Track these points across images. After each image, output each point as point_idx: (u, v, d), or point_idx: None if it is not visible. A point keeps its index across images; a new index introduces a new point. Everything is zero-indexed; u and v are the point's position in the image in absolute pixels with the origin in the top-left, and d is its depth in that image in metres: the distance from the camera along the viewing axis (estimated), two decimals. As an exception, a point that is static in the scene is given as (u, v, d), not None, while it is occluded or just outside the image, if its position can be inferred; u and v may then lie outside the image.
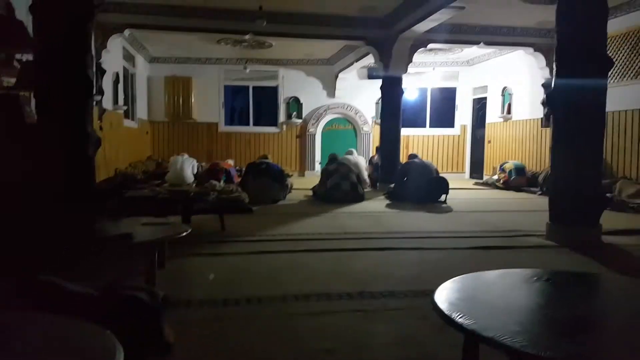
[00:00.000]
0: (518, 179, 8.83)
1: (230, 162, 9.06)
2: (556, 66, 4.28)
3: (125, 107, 9.15)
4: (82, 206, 4.00)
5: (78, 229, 3.17)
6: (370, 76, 11.75)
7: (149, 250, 2.85)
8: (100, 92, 7.53)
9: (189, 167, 8.11)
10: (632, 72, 6.99)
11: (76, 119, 4.11)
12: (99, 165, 7.45)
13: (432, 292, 1.75)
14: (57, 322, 1.41)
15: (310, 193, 7.66)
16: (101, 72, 7.58)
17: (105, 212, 4.08)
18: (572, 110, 4.11)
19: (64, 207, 3.88)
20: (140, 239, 2.81)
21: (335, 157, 7.94)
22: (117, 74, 8.69)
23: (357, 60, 10.24)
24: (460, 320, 1.51)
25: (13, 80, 4.18)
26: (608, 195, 6.25)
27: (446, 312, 1.58)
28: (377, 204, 6.88)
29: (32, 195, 3.95)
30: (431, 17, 6.73)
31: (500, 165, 9.43)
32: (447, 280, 1.89)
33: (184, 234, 3.05)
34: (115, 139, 8.58)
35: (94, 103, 7.10)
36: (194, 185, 7.48)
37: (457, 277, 1.97)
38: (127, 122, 9.60)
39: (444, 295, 1.76)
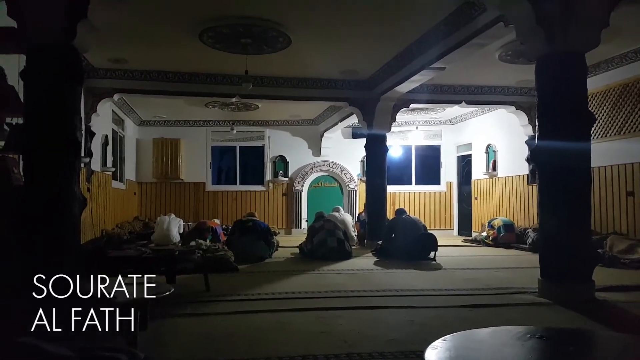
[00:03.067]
0: (507, 236, 8.79)
1: (217, 221, 9.00)
2: (538, 124, 4.36)
3: (113, 169, 9.18)
4: (65, 266, 3.90)
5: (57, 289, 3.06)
6: (355, 135, 12.03)
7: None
8: (89, 154, 7.58)
9: (175, 227, 8.04)
10: (614, 128, 7.22)
11: (63, 179, 4.11)
12: (86, 226, 7.35)
13: (423, 352, 1.69)
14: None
15: (297, 250, 7.57)
16: (90, 134, 7.66)
17: (88, 272, 3.97)
18: (557, 167, 4.13)
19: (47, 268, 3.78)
20: (121, 299, 2.71)
21: (322, 215, 7.93)
22: (106, 137, 8.78)
23: (341, 120, 10.52)
24: (451, 380, 1.45)
25: (1, 143, 4.20)
26: (599, 251, 6.27)
27: (437, 372, 1.52)
28: (365, 261, 6.78)
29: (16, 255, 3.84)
30: (412, 79, 7.00)
31: (489, 222, 9.42)
32: (438, 339, 1.83)
33: (167, 293, 2.95)
34: (102, 200, 8.52)
35: (82, 165, 7.13)
36: (179, 244, 7.37)
37: (447, 336, 1.91)
38: (115, 184, 9.58)
39: (434, 355, 1.70)
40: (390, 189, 9.73)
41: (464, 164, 11.98)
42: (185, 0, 5.12)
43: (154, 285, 3.33)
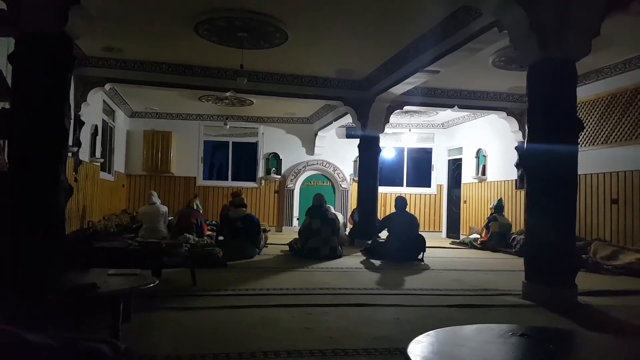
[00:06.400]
0: (496, 243, 8.71)
1: (197, 201, 8.80)
2: (528, 128, 4.43)
3: (102, 160, 9.08)
4: (49, 256, 3.86)
5: (43, 279, 3.04)
6: (349, 135, 12.05)
7: (113, 302, 2.72)
8: (78, 143, 7.48)
9: (162, 220, 7.80)
10: (602, 137, 7.32)
11: (49, 167, 4.06)
12: (72, 217, 7.27)
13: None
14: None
15: (287, 248, 7.54)
16: (79, 124, 7.57)
17: (73, 262, 3.93)
18: (544, 172, 4.19)
19: (28, 256, 3.74)
20: (105, 290, 2.69)
21: (320, 204, 7.31)
22: (96, 127, 8.69)
23: (335, 120, 10.53)
24: (433, 374, 1.45)
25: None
26: (583, 256, 6.35)
27: (419, 366, 1.53)
28: (354, 260, 6.80)
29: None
30: (407, 81, 7.03)
31: (487, 223, 9.16)
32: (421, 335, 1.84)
33: (151, 285, 2.93)
34: (89, 191, 8.43)
35: (70, 154, 7.04)
36: (168, 238, 7.29)
37: (431, 332, 1.93)
38: (104, 175, 9.49)
39: (418, 349, 1.71)
40: (381, 189, 9.77)
41: (455, 167, 12.06)
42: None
43: (138, 276, 3.31)
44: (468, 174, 11.26)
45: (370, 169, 8.85)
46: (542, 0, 4.11)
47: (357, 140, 9.17)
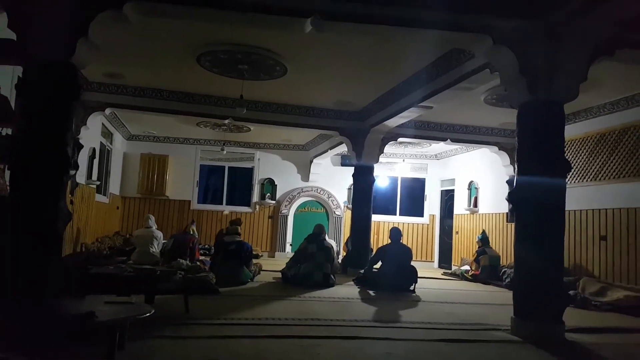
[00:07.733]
0: (487, 276, 8.72)
1: (193, 227, 8.82)
2: (517, 166, 4.56)
3: (98, 182, 9.13)
4: (46, 282, 3.88)
5: (39, 306, 3.07)
6: (344, 163, 12.22)
7: (110, 331, 2.77)
8: (75, 166, 7.52)
9: (155, 244, 7.82)
10: (591, 174, 7.50)
11: (49, 194, 4.11)
12: (66, 240, 7.26)
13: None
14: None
15: (279, 275, 7.56)
16: (78, 147, 7.62)
17: (69, 289, 3.96)
18: (532, 209, 4.30)
19: (26, 283, 3.76)
20: (102, 319, 2.74)
21: (320, 233, 7.55)
22: (94, 150, 8.77)
23: (331, 148, 10.69)
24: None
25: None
26: (571, 292, 6.42)
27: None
28: (346, 290, 6.82)
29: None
30: (401, 115, 7.22)
31: (476, 257, 9.18)
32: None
33: (147, 315, 2.98)
34: (84, 214, 8.45)
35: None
36: (160, 264, 7.29)
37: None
38: (99, 197, 9.53)
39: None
40: (375, 218, 9.89)
41: (447, 198, 12.21)
42: (186, 25, 5.26)
43: (134, 305, 3.35)
44: (460, 205, 11.40)
45: (364, 198, 8.98)
46: (532, 46, 4.30)
47: (352, 169, 9.32)
